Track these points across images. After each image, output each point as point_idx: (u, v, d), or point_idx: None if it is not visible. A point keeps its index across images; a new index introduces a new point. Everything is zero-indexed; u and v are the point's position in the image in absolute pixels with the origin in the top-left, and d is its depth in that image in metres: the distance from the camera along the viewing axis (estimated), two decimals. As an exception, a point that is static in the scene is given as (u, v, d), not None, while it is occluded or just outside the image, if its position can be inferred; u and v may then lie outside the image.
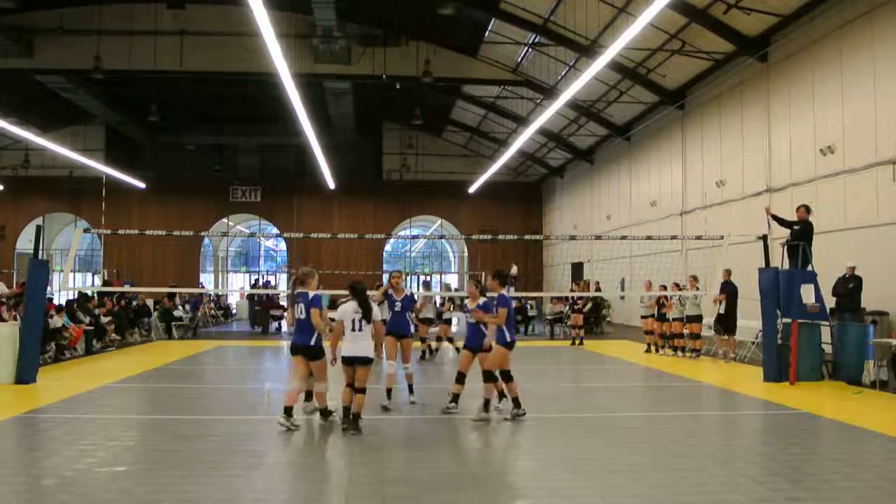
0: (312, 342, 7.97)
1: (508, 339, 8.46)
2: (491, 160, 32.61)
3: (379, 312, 8.19)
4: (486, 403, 8.53)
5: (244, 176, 36.91)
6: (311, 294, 8.07)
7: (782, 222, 13.09)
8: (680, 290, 15.88)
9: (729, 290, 14.83)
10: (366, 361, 7.85)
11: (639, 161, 26.00)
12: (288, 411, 7.90)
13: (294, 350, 8.14)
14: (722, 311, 14.92)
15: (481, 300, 8.73)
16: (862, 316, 12.75)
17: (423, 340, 15.19)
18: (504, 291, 8.59)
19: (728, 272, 14.96)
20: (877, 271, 13.06)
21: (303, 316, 7.98)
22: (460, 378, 8.82)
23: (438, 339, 15.87)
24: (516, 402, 8.57)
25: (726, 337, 15.10)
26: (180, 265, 34.45)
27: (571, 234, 29.79)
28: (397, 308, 9.95)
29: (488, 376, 8.51)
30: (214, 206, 36.63)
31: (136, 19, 24.09)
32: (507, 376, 8.61)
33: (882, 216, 13.84)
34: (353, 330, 7.83)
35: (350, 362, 7.88)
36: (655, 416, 9.61)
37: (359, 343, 7.85)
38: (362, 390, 7.83)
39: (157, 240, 30.01)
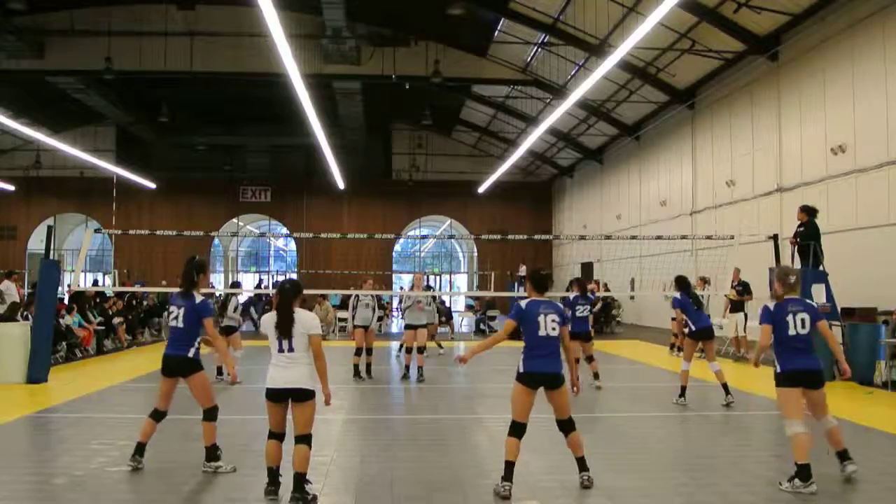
0: None
1: None
2: (500, 160, 32.55)
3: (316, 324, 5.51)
4: None
5: (254, 176, 37.05)
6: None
7: (796, 236, 13.04)
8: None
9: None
10: (301, 396, 5.34)
11: (648, 161, 25.92)
12: None
13: None
14: None
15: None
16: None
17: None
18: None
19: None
20: (888, 271, 12.97)
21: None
22: None
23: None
24: None
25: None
26: (190, 265, 34.51)
27: (581, 234, 29.72)
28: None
29: None
30: (224, 207, 36.78)
31: (146, 20, 24.18)
32: None
33: (893, 216, 13.73)
34: (280, 350, 5.39)
35: (275, 397, 5.40)
36: (666, 416, 9.56)
37: (287, 370, 5.37)
38: (304, 438, 5.30)
39: (168, 240, 30.11)
